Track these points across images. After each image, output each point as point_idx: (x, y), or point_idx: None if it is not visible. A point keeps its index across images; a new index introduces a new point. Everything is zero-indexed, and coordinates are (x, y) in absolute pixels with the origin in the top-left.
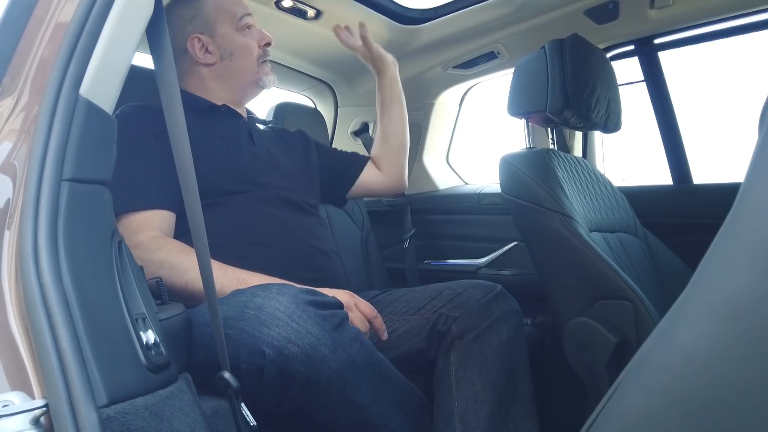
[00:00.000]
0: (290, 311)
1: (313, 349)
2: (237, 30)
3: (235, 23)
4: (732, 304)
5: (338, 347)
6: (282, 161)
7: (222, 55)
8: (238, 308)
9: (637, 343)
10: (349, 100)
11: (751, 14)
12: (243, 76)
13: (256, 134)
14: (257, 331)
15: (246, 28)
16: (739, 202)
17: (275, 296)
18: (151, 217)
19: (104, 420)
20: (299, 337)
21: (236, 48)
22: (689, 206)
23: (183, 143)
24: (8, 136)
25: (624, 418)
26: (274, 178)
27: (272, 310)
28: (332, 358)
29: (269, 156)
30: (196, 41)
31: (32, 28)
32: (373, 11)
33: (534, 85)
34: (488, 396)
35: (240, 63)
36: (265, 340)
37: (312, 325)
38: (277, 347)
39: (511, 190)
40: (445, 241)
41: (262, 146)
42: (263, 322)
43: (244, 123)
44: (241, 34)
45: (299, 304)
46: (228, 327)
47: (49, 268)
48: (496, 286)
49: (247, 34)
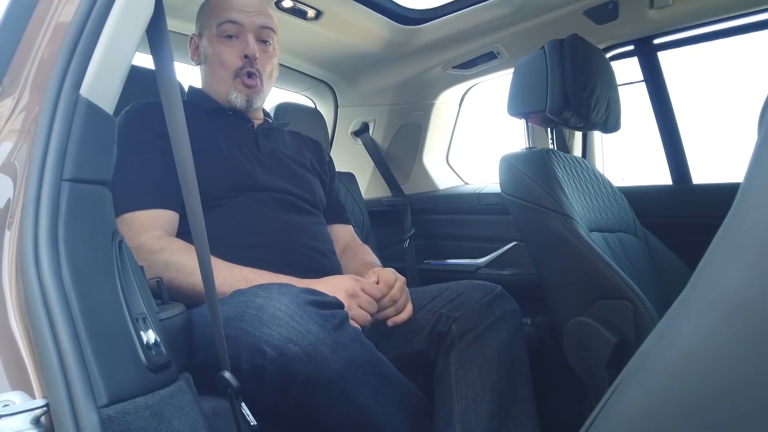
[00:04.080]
0: (291, 311)
1: (314, 349)
2: (217, 37)
3: (215, 30)
4: (731, 304)
5: (339, 347)
6: (286, 163)
7: (200, 60)
8: (239, 308)
9: (637, 342)
10: (349, 100)
11: (751, 14)
12: (215, 85)
13: (262, 138)
14: (258, 331)
15: (226, 35)
16: (739, 202)
17: (276, 296)
18: (155, 216)
19: (105, 420)
20: (300, 337)
21: (210, 55)
22: (689, 206)
23: (183, 143)
24: (9, 136)
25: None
26: (275, 179)
27: (273, 310)
28: (333, 358)
29: (274, 159)
30: (192, 42)
31: (33, 28)
32: (373, 11)
33: (534, 86)
34: (488, 396)
35: (212, 72)
36: (266, 339)
37: (313, 325)
38: (278, 347)
39: (511, 190)
40: (445, 241)
41: (266, 150)
42: (264, 322)
43: (251, 127)
44: (218, 41)
45: (300, 304)
46: (229, 327)
47: (49, 268)
48: (496, 286)
49: (226, 42)
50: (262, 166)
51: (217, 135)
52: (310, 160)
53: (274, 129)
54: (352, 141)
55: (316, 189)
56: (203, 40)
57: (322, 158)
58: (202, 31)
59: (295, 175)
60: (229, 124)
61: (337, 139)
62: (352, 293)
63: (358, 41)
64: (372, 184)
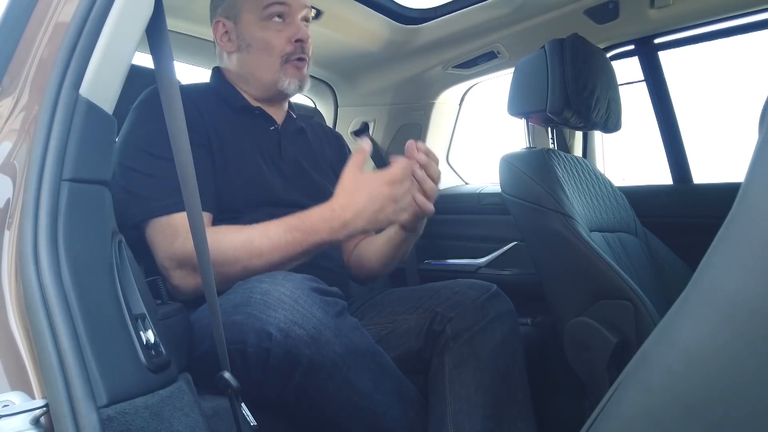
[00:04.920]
0: (296, 296)
1: (317, 332)
2: (260, 19)
3: (259, 13)
4: (732, 304)
5: (341, 332)
6: (307, 173)
7: (239, 45)
8: (245, 294)
9: (638, 342)
10: (349, 100)
11: (751, 14)
12: (259, 73)
13: (286, 142)
14: (264, 314)
15: (273, 18)
16: (739, 202)
17: (281, 281)
18: None
19: (104, 420)
20: (305, 320)
21: (254, 40)
22: (689, 206)
23: (183, 143)
24: (8, 136)
25: (624, 418)
26: (294, 193)
27: (278, 294)
28: (336, 342)
29: (295, 168)
30: (220, 26)
31: (32, 28)
32: (373, 11)
33: (534, 85)
34: (482, 398)
35: (256, 58)
36: (272, 322)
37: (316, 309)
38: (283, 329)
39: (511, 190)
40: (445, 241)
41: (289, 157)
42: (270, 306)
43: (275, 130)
44: (263, 26)
45: (304, 289)
46: (236, 313)
47: (49, 268)
48: (492, 286)
49: (272, 26)
50: (282, 178)
51: (243, 137)
52: (330, 160)
53: (298, 128)
54: (352, 141)
55: None
56: (240, 24)
57: (343, 153)
58: (236, 15)
59: (315, 186)
60: (254, 124)
61: None
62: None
63: (358, 41)
64: None
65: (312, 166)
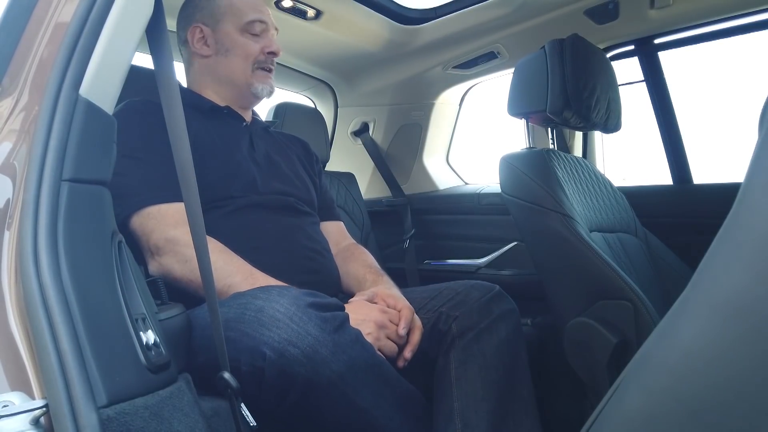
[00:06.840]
0: (291, 313)
1: (313, 351)
2: (240, 30)
3: (241, 24)
4: (732, 304)
5: (339, 349)
6: (280, 165)
7: (218, 50)
8: (239, 310)
9: (638, 343)
10: (349, 100)
11: (751, 14)
12: (233, 76)
13: (256, 138)
14: (258, 333)
15: (252, 32)
16: (739, 202)
17: (276, 298)
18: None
19: (104, 420)
20: (299, 339)
21: (232, 46)
22: (689, 206)
23: (183, 143)
24: (8, 136)
25: (624, 418)
26: (272, 182)
27: (273, 312)
28: (333, 360)
29: (268, 161)
30: (197, 31)
31: (32, 28)
32: (373, 11)
33: (534, 85)
34: (488, 394)
35: (232, 62)
36: (266, 341)
37: (312, 327)
38: (277, 349)
39: (511, 190)
40: (445, 241)
41: (261, 151)
42: (264, 324)
43: (246, 126)
44: (242, 35)
45: (300, 306)
46: (228, 329)
47: (49, 268)
48: (495, 286)
49: (250, 37)
50: (258, 168)
51: (215, 135)
52: (300, 160)
53: (264, 129)
54: (352, 141)
55: (310, 188)
56: (219, 32)
57: (310, 156)
58: (216, 23)
59: (289, 176)
60: (225, 122)
61: (337, 139)
62: (381, 325)
63: (358, 41)
64: (372, 185)
65: (283, 159)
